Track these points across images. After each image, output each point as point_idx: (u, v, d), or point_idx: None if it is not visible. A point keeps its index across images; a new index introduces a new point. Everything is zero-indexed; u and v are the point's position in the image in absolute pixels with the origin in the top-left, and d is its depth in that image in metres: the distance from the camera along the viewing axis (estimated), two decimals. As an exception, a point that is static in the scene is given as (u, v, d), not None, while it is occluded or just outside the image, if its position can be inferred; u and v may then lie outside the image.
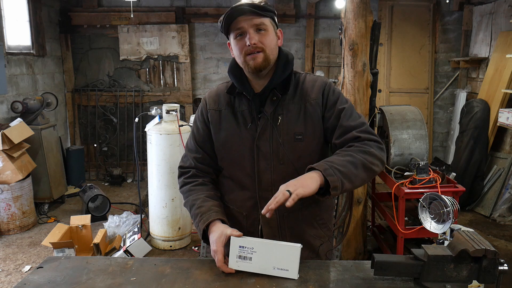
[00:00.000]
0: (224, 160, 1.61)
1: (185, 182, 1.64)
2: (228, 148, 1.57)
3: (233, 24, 1.48)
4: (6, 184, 4.29)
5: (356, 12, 3.25)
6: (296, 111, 1.54)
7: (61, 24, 6.20)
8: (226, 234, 1.40)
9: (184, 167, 1.67)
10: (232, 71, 1.58)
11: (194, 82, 6.48)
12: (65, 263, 1.47)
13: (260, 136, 1.52)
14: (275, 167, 1.53)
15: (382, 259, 1.29)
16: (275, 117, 1.53)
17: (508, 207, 4.73)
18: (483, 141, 5.05)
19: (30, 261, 3.81)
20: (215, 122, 1.59)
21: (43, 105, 5.17)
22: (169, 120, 3.95)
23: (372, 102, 3.57)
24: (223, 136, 1.58)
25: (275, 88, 1.53)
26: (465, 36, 6.10)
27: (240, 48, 1.49)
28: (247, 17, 1.46)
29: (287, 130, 1.52)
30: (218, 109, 1.60)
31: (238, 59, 1.53)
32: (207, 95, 1.66)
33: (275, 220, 1.55)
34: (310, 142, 1.54)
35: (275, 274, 1.35)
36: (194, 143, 1.65)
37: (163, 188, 3.94)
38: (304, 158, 1.53)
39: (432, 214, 2.35)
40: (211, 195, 1.57)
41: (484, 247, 1.19)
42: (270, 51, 1.49)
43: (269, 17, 1.51)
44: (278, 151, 1.52)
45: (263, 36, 1.47)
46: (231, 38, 1.52)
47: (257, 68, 1.48)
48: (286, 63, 1.55)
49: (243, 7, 1.45)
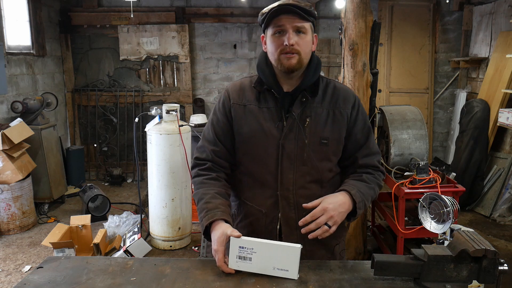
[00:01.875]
0: (246, 155, 1.60)
1: (198, 173, 1.63)
2: (252, 144, 1.57)
3: (275, 20, 1.48)
4: (6, 184, 4.29)
5: (356, 12, 3.25)
6: (324, 115, 1.56)
7: (61, 24, 6.20)
8: (227, 234, 1.40)
9: (200, 158, 1.64)
10: (261, 66, 1.58)
11: (194, 82, 6.48)
12: (65, 263, 1.47)
13: (286, 136, 1.54)
14: (297, 167, 1.55)
15: (382, 259, 1.29)
16: (302, 118, 1.54)
17: (508, 207, 4.73)
18: (483, 141, 5.05)
19: (30, 261, 3.81)
20: (238, 116, 1.59)
21: (43, 105, 5.17)
22: (169, 120, 3.95)
23: (372, 102, 3.57)
24: (247, 132, 1.57)
25: (305, 89, 1.55)
26: (465, 36, 6.10)
27: (276, 46, 1.50)
28: (291, 17, 1.47)
29: (314, 133, 1.55)
30: (242, 103, 1.59)
31: (272, 55, 1.53)
32: (230, 88, 1.65)
33: (294, 219, 1.56)
34: (333, 147, 1.58)
35: (275, 274, 1.35)
36: (213, 135, 1.63)
37: (163, 188, 3.94)
38: (326, 162, 1.58)
39: (432, 214, 2.35)
40: (221, 193, 1.56)
41: (484, 247, 1.19)
42: (305, 54, 1.51)
43: (311, 21, 1.52)
44: (303, 152, 1.54)
45: (301, 39, 1.49)
46: (269, 33, 1.52)
47: (290, 69, 1.50)
48: (317, 66, 1.58)
49: (290, 7, 1.45)
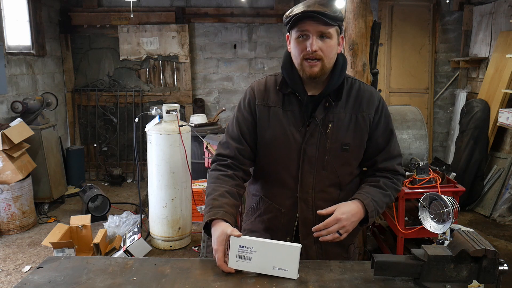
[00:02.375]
0: (268, 157, 1.61)
1: (217, 168, 1.63)
2: (275, 147, 1.58)
3: (300, 24, 1.47)
4: (6, 184, 4.29)
5: (356, 12, 3.24)
6: (347, 121, 1.55)
7: (61, 24, 6.20)
8: (227, 233, 1.40)
9: (223, 154, 1.64)
10: (286, 68, 1.57)
11: (194, 82, 6.48)
12: (65, 263, 1.47)
13: (308, 141, 1.54)
14: (318, 172, 1.56)
15: (382, 259, 1.29)
16: (325, 123, 1.54)
17: (508, 207, 4.73)
18: (483, 141, 5.05)
19: (30, 261, 3.81)
20: (263, 118, 1.59)
21: (43, 105, 5.16)
22: (169, 120, 3.95)
23: (372, 102, 3.56)
24: (271, 135, 1.57)
25: (329, 94, 1.54)
26: (465, 36, 6.10)
27: (300, 50, 1.49)
28: (315, 23, 1.45)
29: (335, 139, 1.55)
30: (267, 105, 1.59)
31: (296, 59, 1.53)
32: (256, 87, 1.64)
33: (311, 219, 1.58)
34: (355, 152, 1.58)
35: (275, 274, 1.35)
36: (238, 132, 1.63)
37: (163, 188, 3.94)
38: (346, 166, 1.59)
39: (432, 214, 2.35)
40: (231, 192, 1.55)
41: (484, 247, 1.19)
42: (328, 60, 1.50)
43: (337, 25, 1.50)
44: (324, 157, 1.55)
45: (325, 44, 1.47)
46: (293, 36, 1.51)
47: (312, 77, 1.50)
48: (342, 69, 1.56)
49: (315, 14, 1.43)
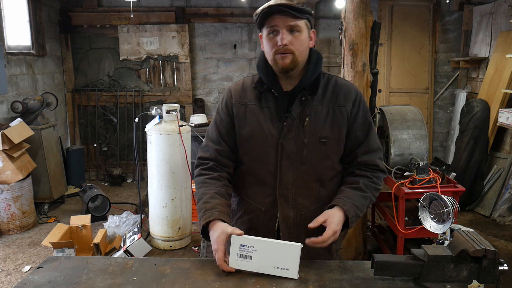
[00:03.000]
0: (246, 155, 1.61)
1: (201, 173, 1.64)
2: (252, 144, 1.58)
3: (268, 20, 1.49)
4: (6, 184, 4.29)
5: (356, 12, 3.25)
6: (324, 114, 1.55)
7: (61, 24, 6.19)
8: (227, 233, 1.40)
9: (204, 157, 1.66)
10: (261, 66, 1.59)
11: (194, 82, 6.48)
12: (65, 263, 1.47)
13: (285, 136, 1.54)
14: (297, 167, 1.55)
15: (382, 259, 1.30)
16: (302, 117, 1.54)
17: (508, 207, 4.73)
18: (483, 141, 5.05)
19: (30, 261, 3.81)
20: (240, 116, 1.60)
21: (43, 105, 5.16)
22: (169, 120, 3.95)
23: (372, 102, 3.57)
24: (248, 132, 1.58)
25: (305, 88, 1.55)
26: (465, 36, 6.10)
27: (271, 46, 1.50)
28: (283, 17, 1.46)
29: (313, 132, 1.54)
30: (243, 103, 1.60)
31: (268, 55, 1.54)
32: (233, 88, 1.66)
33: (292, 218, 1.58)
34: (333, 145, 1.57)
35: (275, 273, 1.35)
36: (217, 134, 1.64)
37: (163, 188, 3.94)
38: (326, 160, 1.58)
39: (432, 214, 2.35)
40: (220, 192, 1.57)
41: (484, 247, 1.19)
42: (299, 53, 1.50)
43: (305, 18, 1.51)
44: (302, 152, 1.54)
45: (295, 38, 1.48)
46: (264, 33, 1.53)
47: (284, 69, 1.50)
48: (316, 63, 1.57)
49: (281, 7, 1.45)
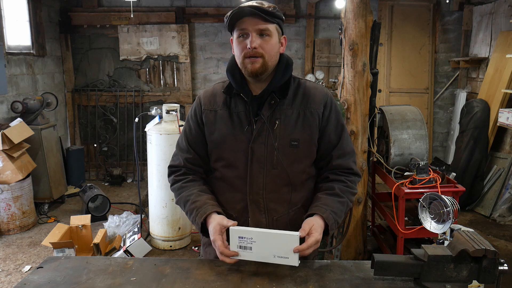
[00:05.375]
0: (218, 161, 1.59)
1: (175, 179, 1.63)
2: (222, 149, 1.56)
3: (238, 24, 1.47)
4: (6, 184, 4.29)
5: (356, 12, 3.25)
6: (294, 117, 1.53)
7: (61, 24, 6.20)
8: (223, 224, 1.41)
9: (174, 165, 1.66)
10: (230, 70, 1.56)
11: (194, 82, 6.48)
12: (65, 263, 1.47)
13: (256, 139, 1.52)
14: (268, 171, 1.53)
15: (382, 259, 1.30)
16: (272, 121, 1.52)
17: (508, 207, 4.73)
18: (483, 141, 5.05)
19: (30, 261, 3.81)
20: (210, 122, 1.58)
21: (43, 105, 5.16)
22: (169, 120, 3.95)
23: (372, 102, 3.57)
24: (218, 137, 1.56)
25: (274, 92, 1.52)
26: (465, 36, 6.10)
27: (240, 49, 1.48)
28: (253, 20, 1.45)
29: (283, 135, 1.52)
30: (213, 109, 1.58)
31: (238, 59, 1.52)
32: (202, 94, 1.64)
33: (264, 224, 1.56)
34: (304, 148, 1.55)
35: (276, 262, 1.36)
36: (186, 143, 1.64)
37: (163, 188, 3.94)
38: (297, 164, 1.55)
39: (432, 214, 2.35)
40: (204, 189, 1.57)
41: (484, 247, 1.19)
42: (269, 57, 1.48)
43: (276, 23, 1.50)
44: (273, 155, 1.52)
45: (265, 42, 1.47)
46: (234, 36, 1.51)
47: (254, 73, 1.48)
48: (286, 67, 1.55)
49: (251, 9, 1.43)
